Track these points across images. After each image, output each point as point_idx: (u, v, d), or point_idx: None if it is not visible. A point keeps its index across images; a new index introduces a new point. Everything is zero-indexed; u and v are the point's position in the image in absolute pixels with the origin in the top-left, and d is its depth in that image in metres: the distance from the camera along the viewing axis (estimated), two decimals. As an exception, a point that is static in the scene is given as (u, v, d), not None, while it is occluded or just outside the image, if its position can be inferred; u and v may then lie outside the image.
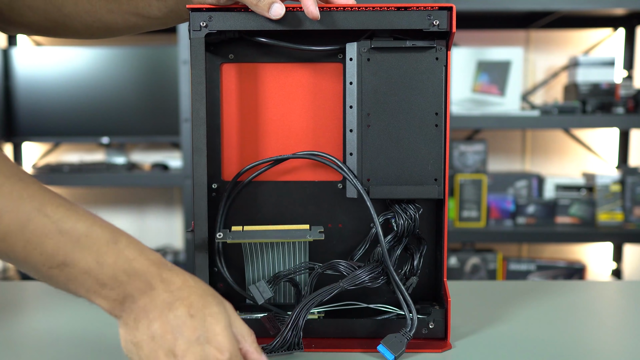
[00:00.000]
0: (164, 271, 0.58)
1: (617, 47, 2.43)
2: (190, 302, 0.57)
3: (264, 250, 0.79)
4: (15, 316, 0.88)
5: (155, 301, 0.57)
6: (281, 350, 0.69)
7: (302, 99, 0.78)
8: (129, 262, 0.56)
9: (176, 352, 0.55)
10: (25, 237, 0.55)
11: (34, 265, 0.56)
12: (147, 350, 0.56)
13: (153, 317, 0.56)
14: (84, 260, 0.56)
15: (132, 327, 0.57)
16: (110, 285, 0.56)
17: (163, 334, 0.56)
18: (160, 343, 0.56)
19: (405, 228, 0.76)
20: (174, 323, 0.56)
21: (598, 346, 0.77)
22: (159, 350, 0.56)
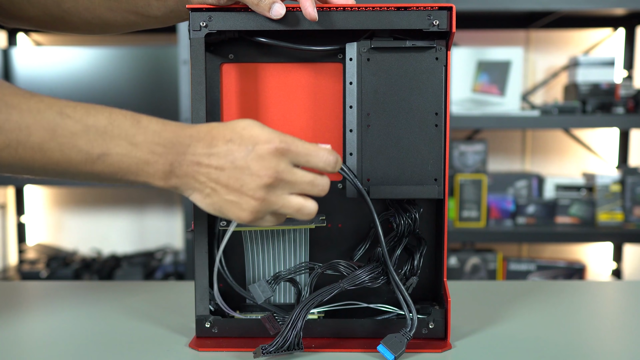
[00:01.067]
0: (189, 128, 0.62)
1: (617, 47, 2.42)
2: (222, 134, 0.61)
3: (264, 249, 0.79)
4: (15, 316, 0.88)
5: (196, 155, 0.61)
6: (281, 350, 0.69)
7: (302, 99, 0.78)
8: (158, 135, 0.61)
9: (242, 173, 0.60)
10: (59, 141, 0.58)
11: (77, 166, 0.60)
12: (223, 193, 0.61)
13: (205, 166, 0.61)
14: (118, 146, 0.59)
15: (197, 190, 0.62)
16: (151, 160, 0.60)
17: (221, 172, 0.60)
18: (225, 179, 0.60)
19: (405, 228, 0.76)
20: (223, 154, 0.60)
21: (598, 346, 0.77)
22: (228, 187, 0.61)
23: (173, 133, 0.61)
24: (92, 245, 2.55)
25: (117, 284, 1.05)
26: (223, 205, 0.62)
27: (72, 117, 0.59)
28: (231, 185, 0.61)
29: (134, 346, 0.76)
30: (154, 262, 2.35)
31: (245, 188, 0.61)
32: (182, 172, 0.61)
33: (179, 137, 0.61)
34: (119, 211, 2.56)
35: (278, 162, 0.61)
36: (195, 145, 0.61)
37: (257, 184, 0.61)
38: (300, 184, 0.63)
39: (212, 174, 0.61)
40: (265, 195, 0.61)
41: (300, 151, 0.62)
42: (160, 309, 0.90)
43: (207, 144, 0.61)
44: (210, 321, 0.76)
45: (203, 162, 0.61)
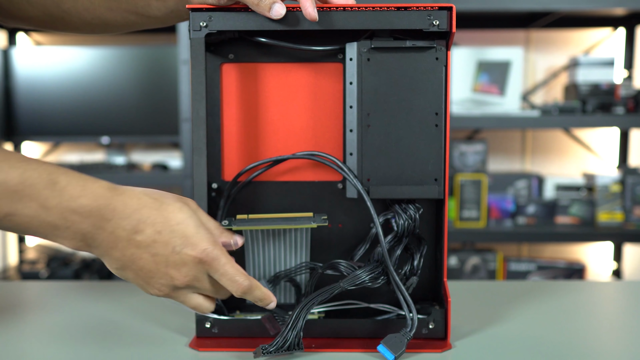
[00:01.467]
0: (115, 198, 0.57)
1: (617, 47, 2.43)
2: (153, 221, 0.57)
3: (265, 248, 0.79)
4: (15, 316, 0.88)
5: (116, 232, 0.56)
6: (281, 350, 0.69)
7: (302, 99, 0.78)
8: (75, 200, 0.55)
9: (158, 269, 0.57)
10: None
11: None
12: (131, 274, 0.58)
13: (122, 247, 0.56)
14: (27, 208, 0.54)
15: (108, 260, 0.58)
16: (62, 226, 0.56)
17: (138, 259, 0.57)
18: (139, 266, 0.57)
19: (405, 228, 0.76)
20: (145, 244, 0.56)
21: (598, 346, 0.77)
22: (140, 272, 0.57)
23: (94, 201, 0.56)
24: (92, 245, 2.55)
25: (117, 284, 1.05)
26: (128, 278, 0.60)
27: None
28: (143, 271, 0.59)
29: (134, 346, 0.76)
30: (154, 262, 2.35)
31: (154, 280, 0.60)
32: (96, 243, 0.58)
33: (100, 208, 0.56)
34: (119, 211, 2.55)
35: (196, 271, 0.61)
36: (117, 223, 0.56)
37: (168, 283, 0.60)
38: (205, 290, 0.64)
39: (127, 254, 0.58)
40: (169, 291, 0.62)
41: (219, 270, 0.61)
42: (160, 309, 0.90)
43: (133, 227, 0.57)
44: (210, 321, 0.76)
45: (121, 242, 0.57)
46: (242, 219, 0.76)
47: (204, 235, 0.59)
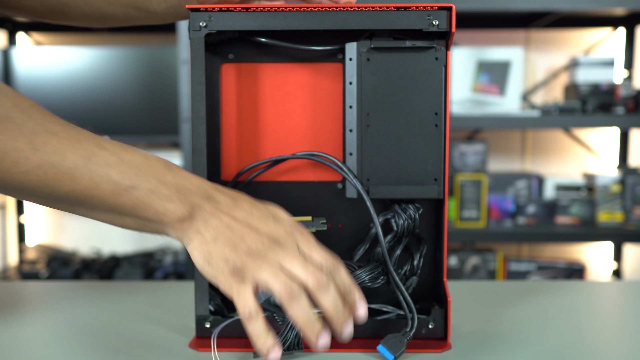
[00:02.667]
0: (215, 186, 0.65)
1: (617, 47, 2.43)
2: (248, 198, 0.65)
3: (263, 250, 0.79)
4: (15, 316, 0.88)
5: (220, 205, 0.63)
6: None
7: (302, 99, 0.78)
8: (187, 179, 0.63)
9: (250, 227, 0.62)
10: (91, 169, 0.59)
11: (102, 196, 0.60)
12: (220, 242, 0.61)
13: (224, 210, 0.63)
14: (147, 182, 0.61)
15: (205, 229, 0.62)
16: (176, 198, 0.61)
17: (235, 221, 0.62)
18: (236, 228, 0.62)
19: (405, 228, 0.76)
20: (244, 212, 0.63)
21: (598, 346, 0.77)
22: (231, 237, 0.61)
23: (202, 181, 0.64)
24: (92, 245, 2.55)
25: (117, 284, 1.05)
26: (214, 255, 0.62)
27: (109, 149, 0.61)
28: (235, 233, 0.62)
29: (133, 346, 0.76)
30: (153, 262, 2.35)
31: (243, 242, 0.62)
32: (200, 215, 0.62)
33: (207, 185, 0.63)
34: (119, 211, 2.56)
35: (286, 233, 0.63)
36: (219, 196, 0.63)
37: (256, 242, 0.62)
38: (291, 260, 0.62)
39: (223, 221, 0.62)
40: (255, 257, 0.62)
41: (311, 242, 0.64)
42: (160, 309, 0.90)
43: (232, 199, 0.64)
44: (210, 321, 0.76)
45: (222, 209, 0.63)
46: None
47: (290, 218, 0.65)
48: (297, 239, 0.64)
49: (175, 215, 0.62)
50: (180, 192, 0.62)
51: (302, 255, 0.63)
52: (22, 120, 0.60)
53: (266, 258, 0.62)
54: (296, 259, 0.62)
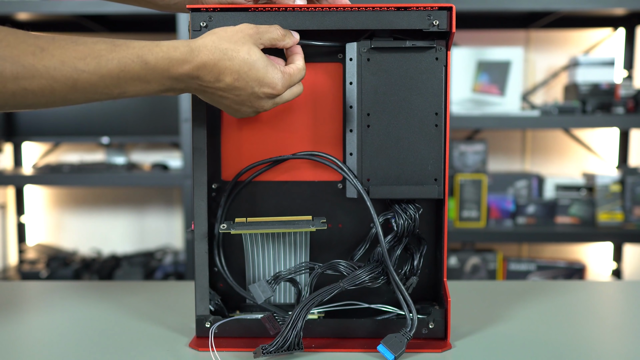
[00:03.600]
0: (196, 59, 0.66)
1: (617, 47, 2.42)
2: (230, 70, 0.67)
3: (264, 249, 0.79)
4: (16, 316, 0.88)
5: (203, 85, 0.67)
6: (281, 350, 0.69)
7: (302, 99, 0.78)
8: (167, 72, 0.65)
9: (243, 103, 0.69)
10: (80, 92, 0.65)
11: (101, 100, 0.67)
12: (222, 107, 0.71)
13: (210, 93, 0.68)
14: (133, 86, 0.65)
15: (200, 94, 0.69)
16: (164, 89, 0.67)
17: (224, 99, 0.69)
18: (226, 104, 0.70)
19: (405, 228, 0.76)
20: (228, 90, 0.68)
21: (598, 346, 0.77)
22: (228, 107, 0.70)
23: (180, 67, 0.66)
24: (92, 245, 2.55)
25: (117, 284, 1.05)
26: (224, 109, 0.72)
27: (86, 70, 0.63)
28: (232, 107, 0.70)
29: (134, 346, 0.76)
30: (154, 262, 2.35)
31: (241, 111, 0.71)
32: (191, 90, 0.69)
33: (186, 71, 0.66)
34: (119, 211, 2.56)
35: (275, 100, 0.70)
36: (203, 77, 0.67)
37: (254, 111, 0.71)
38: (290, 98, 0.72)
39: (214, 98, 0.69)
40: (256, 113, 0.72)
41: (290, 84, 0.70)
42: (160, 309, 0.90)
43: (215, 77, 0.67)
44: (210, 321, 0.76)
45: (210, 87, 0.68)
46: (240, 222, 0.76)
47: (273, 74, 0.68)
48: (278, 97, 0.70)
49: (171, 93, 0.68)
50: (165, 85, 0.66)
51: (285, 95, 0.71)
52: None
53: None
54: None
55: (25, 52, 0.60)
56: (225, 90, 0.68)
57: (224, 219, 0.78)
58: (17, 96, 0.61)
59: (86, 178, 2.16)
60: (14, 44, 0.60)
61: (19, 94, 0.61)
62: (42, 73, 0.61)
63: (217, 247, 0.79)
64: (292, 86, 0.71)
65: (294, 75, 0.71)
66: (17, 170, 2.30)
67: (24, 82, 0.60)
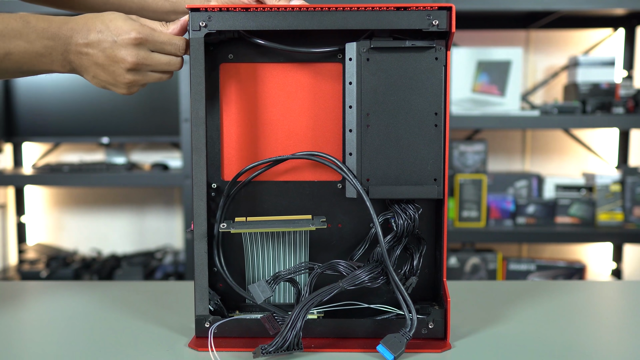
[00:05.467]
0: (70, 22, 0.72)
1: (617, 47, 2.42)
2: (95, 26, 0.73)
3: (264, 249, 0.79)
4: (16, 316, 0.88)
5: (77, 44, 0.72)
6: (281, 350, 0.69)
7: (302, 99, 0.78)
8: (46, 31, 0.72)
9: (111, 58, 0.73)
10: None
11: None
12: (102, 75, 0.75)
13: (85, 53, 0.73)
14: (17, 46, 0.71)
15: (86, 73, 0.75)
16: (46, 53, 0.72)
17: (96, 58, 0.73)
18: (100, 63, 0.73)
19: (405, 228, 0.76)
20: (95, 44, 0.72)
21: (598, 346, 0.77)
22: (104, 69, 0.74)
23: (57, 28, 0.72)
24: (92, 245, 2.55)
25: (117, 284, 1.05)
26: (105, 85, 0.75)
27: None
28: (106, 69, 0.73)
29: (133, 346, 0.76)
30: (154, 262, 2.35)
31: (115, 74, 0.74)
32: (72, 58, 0.73)
33: (62, 30, 0.72)
34: (119, 211, 2.56)
35: (138, 50, 0.73)
36: (75, 37, 0.72)
37: (123, 68, 0.73)
38: (158, 65, 0.75)
39: (91, 59, 0.73)
40: (132, 77, 0.74)
41: (156, 40, 0.74)
42: (160, 309, 0.90)
43: (84, 35, 0.72)
44: (209, 321, 0.76)
45: (83, 50, 0.72)
46: (240, 222, 0.76)
47: (131, 23, 0.73)
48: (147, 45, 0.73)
49: (55, 64, 0.74)
50: (46, 47, 0.72)
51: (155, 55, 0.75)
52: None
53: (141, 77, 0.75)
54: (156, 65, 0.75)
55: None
56: (91, 46, 0.72)
57: (223, 218, 0.78)
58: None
59: (86, 178, 2.16)
60: None
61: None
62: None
63: (216, 247, 0.79)
64: (158, 51, 0.74)
65: (160, 35, 0.74)
66: (17, 170, 2.30)
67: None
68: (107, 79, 0.74)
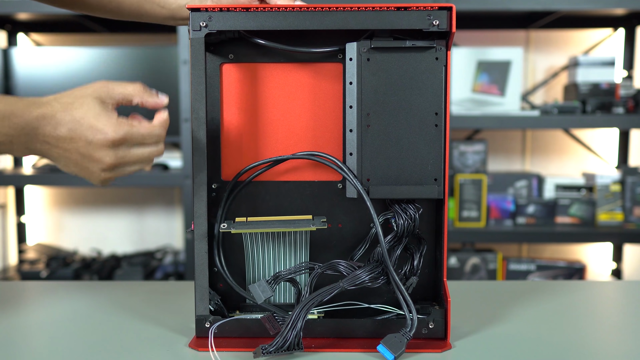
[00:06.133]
0: (36, 110, 0.66)
1: (617, 47, 2.42)
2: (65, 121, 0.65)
3: (264, 249, 0.79)
4: (16, 316, 0.88)
5: (45, 137, 0.66)
6: (281, 350, 0.69)
7: (302, 99, 0.78)
8: (8, 120, 0.65)
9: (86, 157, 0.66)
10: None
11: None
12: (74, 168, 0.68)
13: (55, 147, 0.66)
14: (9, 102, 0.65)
15: (56, 162, 0.68)
16: (7, 141, 0.65)
17: (69, 153, 0.67)
18: (73, 160, 0.67)
19: (405, 228, 0.76)
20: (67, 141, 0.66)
21: (598, 346, 0.77)
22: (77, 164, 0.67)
23: (21, 118, 0.65)
24: (92, 245, 2.55)
25: (117, 284, 1.05)
26: (79, 174, 0.69)
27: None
28: (79, 165, 0.67)
29: (134, 346, 0.76)
30: (154, 262, 2.35)
31: (90, 171, 0.67)
32: (37, 148, 0.67)
33: (27, 121, 0.65)
34: (119, 211, 2.56)
35: (116, 151, 0.66)
36: (43, 128, 0.65)
37: (100, 167, 0.67)
38: (139, 160, 0.69)
39: (62, 153, 0.67)
40: (108, 174, 0.68)
41: (135, 136, 0.67)
42: (160, 309, 0.90)
43: (53, 128, 0.65)
44: (210, 321, 0.76)
45: (52, 143, 0.66)
46: (241, 222, 0.76)
47: (105, 121, 0.66)
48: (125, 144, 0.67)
49: (17, 151, 0.67)
50: (7, 135, 0.65)
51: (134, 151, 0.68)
52: None
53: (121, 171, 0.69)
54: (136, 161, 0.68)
55: None
56: (63, 141, 0.66)
57: (224, 218, 0.78)
58: None
59: (86, 178, 2.16)
60: None
61: None
62: None
63: (217, 247, 0.79)
64: (139, 145, 0.68)
65: (139, 129, 0.67)
66: (17, 170, 2.30)
67: None
68: (80, 173, 0.68)
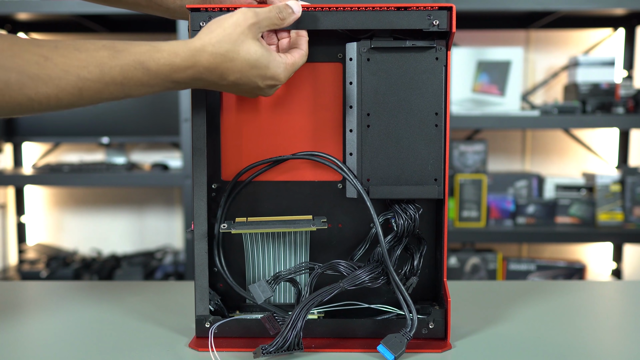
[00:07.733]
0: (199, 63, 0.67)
1: (617, 47, 2.42)
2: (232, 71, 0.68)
3: (264, 249, 0.79)
4: (15, 316, 0.88)
5: (209, 81, 0.69)
6: (281, 350, 0.69)
7: (302, 99, 0.78)
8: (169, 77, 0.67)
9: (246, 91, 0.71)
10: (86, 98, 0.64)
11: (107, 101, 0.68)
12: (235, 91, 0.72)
13: (216, 87, 0.70)
14: (137, 90, 0.66)
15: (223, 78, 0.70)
16: (168, 89, 0.68)
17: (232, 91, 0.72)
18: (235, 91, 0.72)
19: (405, 228, 0.76)
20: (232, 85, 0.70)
21: (598, 346, 0.77)
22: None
23: (183, 74, 0.67)
24: (92, 245, 2.55)
25: (117, 284, 1.05)
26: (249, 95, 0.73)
27: (90, 79, 0.63)
28: (252, 93, 0.72)
29: (134, 346, 0.76)
30: (154, 262, 2.35)
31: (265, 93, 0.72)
32: (196, 87, 0.70)
33: (190, 76, 0.67)
34: (119, 211, 2.56)
35: (277, 87, 0.72)
36: (206, 78, 0.68)
37: (274, 90, 0.73)
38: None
39: (220, 88, 0.70)
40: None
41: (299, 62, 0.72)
42: (160, 309, 0.90)
43: (218, 77, 0.68)
44: (210, 321, 0.76)
45: (213, 84, 0.69)
46: (241, 222, 0.76)
47: (275, 69, 0.70)
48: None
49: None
50: (168, 88, 0.68)
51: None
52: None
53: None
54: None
55: (30, 61, 0.60)
56: (229, 87, 0.70)
57: (224, 218, 0.78)
58: (24, 105, 0.61)
59: (86, 178, 2.16)
60: (19, 53, 0.59)
61: (25, 104, 0.61)
62: (47, 82, 0.61)
63: (217, 247, 0.79)
64: (295, 70, 0.73)
65: (297, 63, 0.72)
66: (17, 170, 2.30)
67: (30, 92, 0.60)
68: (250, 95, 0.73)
